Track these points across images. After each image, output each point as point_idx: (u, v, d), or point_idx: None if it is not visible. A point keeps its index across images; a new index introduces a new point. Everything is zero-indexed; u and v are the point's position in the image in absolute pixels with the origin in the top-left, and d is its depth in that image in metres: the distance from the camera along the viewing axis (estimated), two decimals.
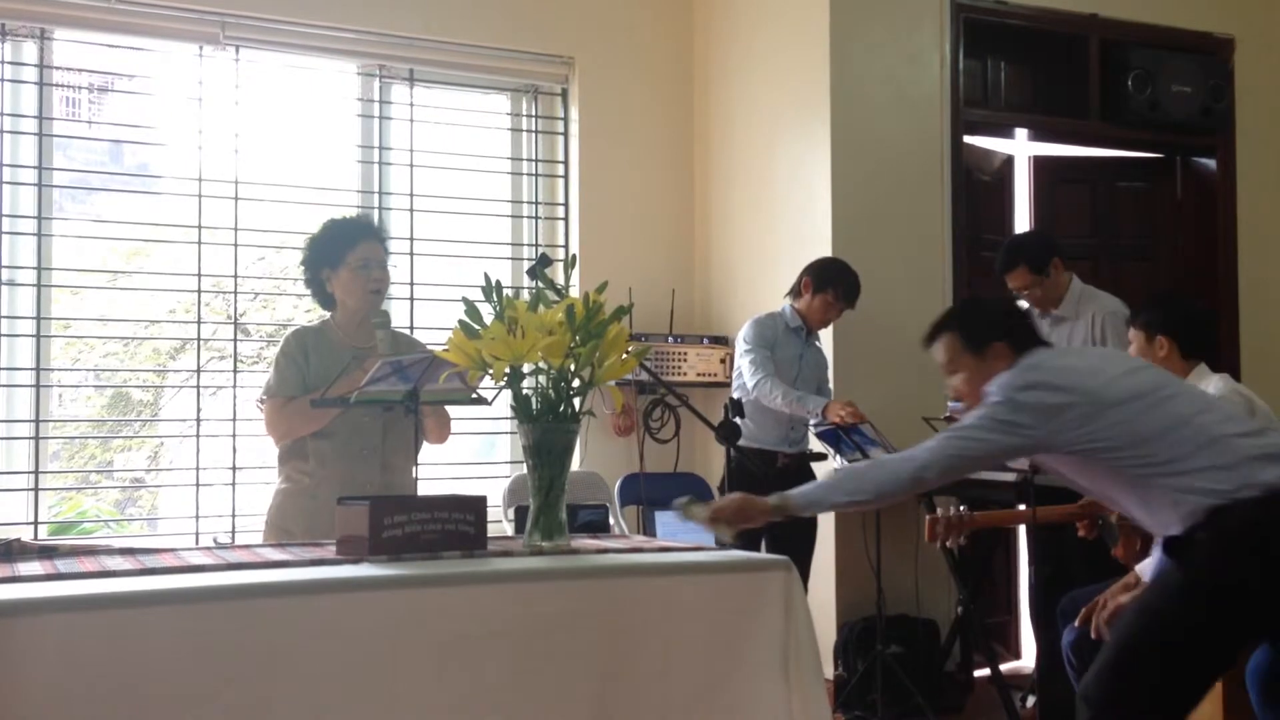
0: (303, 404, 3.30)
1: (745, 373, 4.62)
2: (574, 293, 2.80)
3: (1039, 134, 6.05)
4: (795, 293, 4.73)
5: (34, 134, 4.95)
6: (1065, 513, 3.95)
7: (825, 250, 5.01)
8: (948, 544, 4.07)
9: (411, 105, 5.61)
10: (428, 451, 3.54)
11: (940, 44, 5.43)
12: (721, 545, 2.58)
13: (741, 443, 4.55)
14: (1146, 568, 3.54)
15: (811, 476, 4.73)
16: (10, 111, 4.93)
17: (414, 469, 3.38)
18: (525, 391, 2.53)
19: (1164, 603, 2.65)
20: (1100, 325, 4.63)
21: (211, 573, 2.19)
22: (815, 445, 4.71)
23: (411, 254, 5.52)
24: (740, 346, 4.70)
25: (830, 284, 4.64)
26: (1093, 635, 3.50)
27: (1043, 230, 5.59)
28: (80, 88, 5.57)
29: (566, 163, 5.90)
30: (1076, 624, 3.57)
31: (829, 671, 4.84)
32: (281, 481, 3.41)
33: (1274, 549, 2.57)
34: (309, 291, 3.55)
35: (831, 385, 4.88)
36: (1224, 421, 2.69)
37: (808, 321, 4.70)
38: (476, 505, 2.46)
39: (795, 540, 4.54)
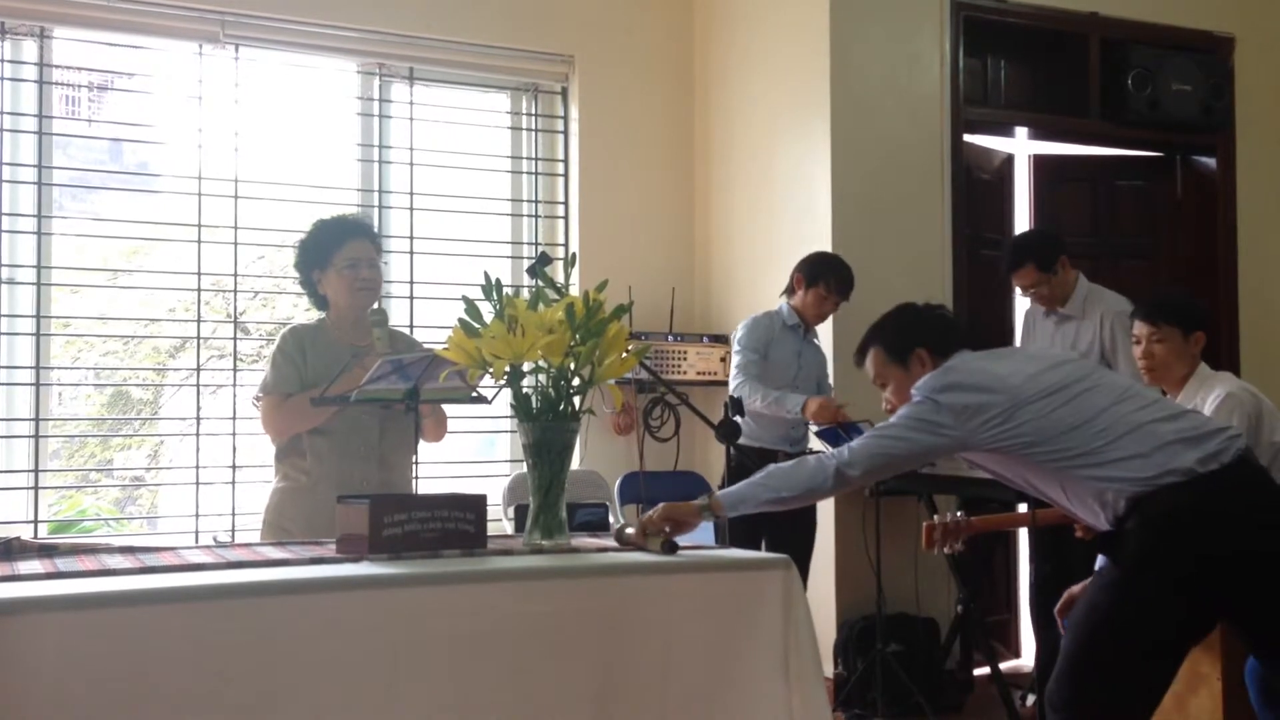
0: (299, 401, 3.30)
1: (730, 375, 4.65)
2: (574, 291, 2.80)
3: (1039, 133, 6.05)
4: (789, 291, 4.75)
5: (34, 133, 4.96)
6: (1063, 514, 3.95)
7: (826, 248, 5.00)
8: (945, 550, 4.07)
9: (411, 104, 5.61)
10: (427, 450, 3.53)
11: (940, 43, 5.43)
12: (670, 549, 2.53)
13: (743, 441, 4.56)
14: None
15: None
16: (10, 110, 4.93)
17: (412, 467, 3.38)
18: (525, 390, 2.53)
19: (1106, 599, 2.67)
20: (1109, 326, 4.63)
21: (211, 571, 2.18)
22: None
23: (411, 252, 5.52)
24: (733, 346, 4.72)
25: (821, 277, 4.65)
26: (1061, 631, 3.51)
27: (1049, 228, 5.56)
28: (80, 86, 5.57)
29: (566, 161, 5.90)
30: (1057, 612, 3.58)
31: (829, 670, 4.84)
32: (279, 480, 3.40)
33: (1202, 534, 2.59)
34: (305, 293, 3.55)
35: (831, 382, 4.88)
36: (1144, 408, 2.70)
37: (804, 318, 4.70)
38: (476, 504, 2.46)
39: (794, 539, 4.54)
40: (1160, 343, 3.82)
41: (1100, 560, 2.87)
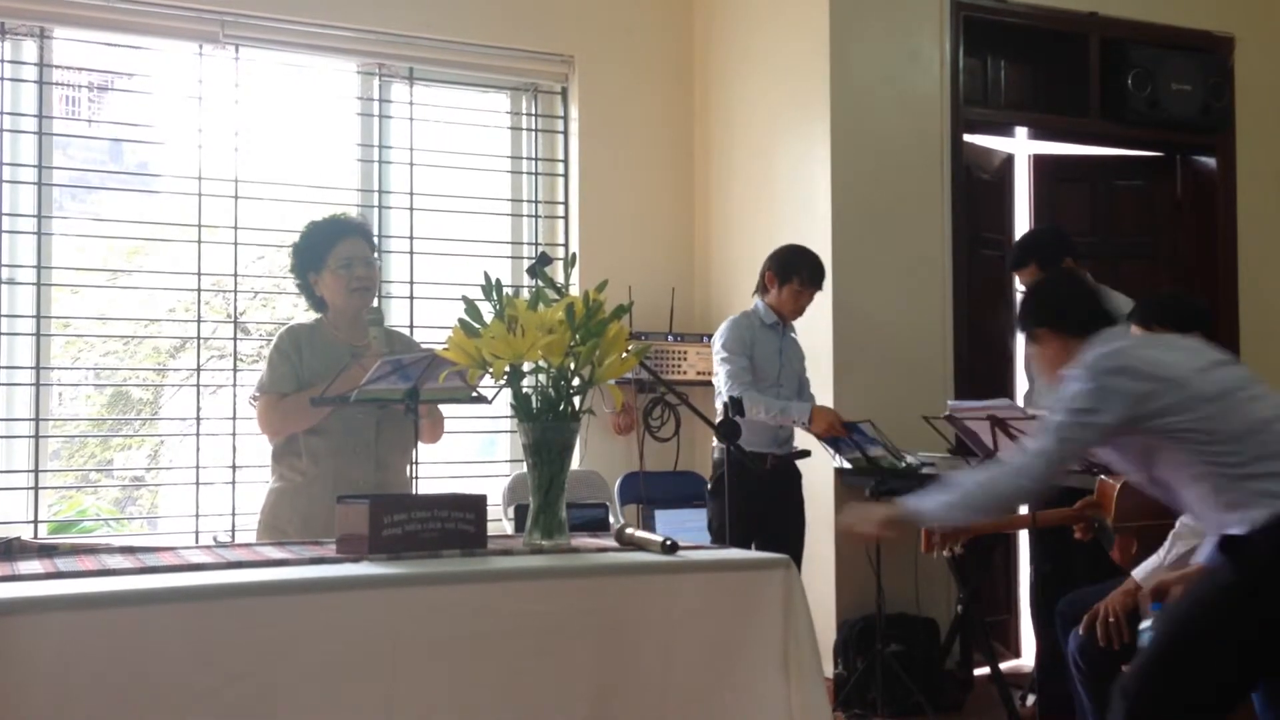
0: (295, 400, 3.30)
1: (722, 383, 4.57)
2: (574, 291, 2.80)
3: (1039, 132, 6.05)
4: (761, 289, 4.69)
5: (34, 133, 4.95)
6: (1062, 516, 3.95)
7: (826, 248, 5.00)
8: (944, 553, 4.07)
9: (411, 104, 5.61)
10: (427, 450, 3.53)
11: (940, 42, 5.43)
12: (670, 549, 2.52)
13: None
14: (1143, 571, 3.55)
15: (798, 476, 4.73)
16: (10, 110, 4.93)
17: (410, 467, 3.38)
18: (525, 390, 2.53)
19: (1213, 599, 2.66)
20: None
21: (211, 571, 2.18)
22: (800, 444, 4.68)
23: (411, 253, 5.52)
24: (717, 353, 4.63)
25: (794, 271, 4.60)
26: (1100, 643, 3.49)
27: (1057, 228, 5.48)
28: (80, 86, 5.57)
29: (566, 161, 5.90)
30: (1081, 631, 3.56)
31: (829, 670, 4.84)
32: (275, 480, 3.40)
33: None
34: (303, 295, 3.55)
35: (831, 379, 4.87)
36: None
37: (781, 314, 4.66)
38: (476, 504, 2.46)
39: (785, 538, 4.53)
40: None
41: (1207, 558, 2.85)
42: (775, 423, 4.49)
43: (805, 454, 4.68)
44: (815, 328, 4.91)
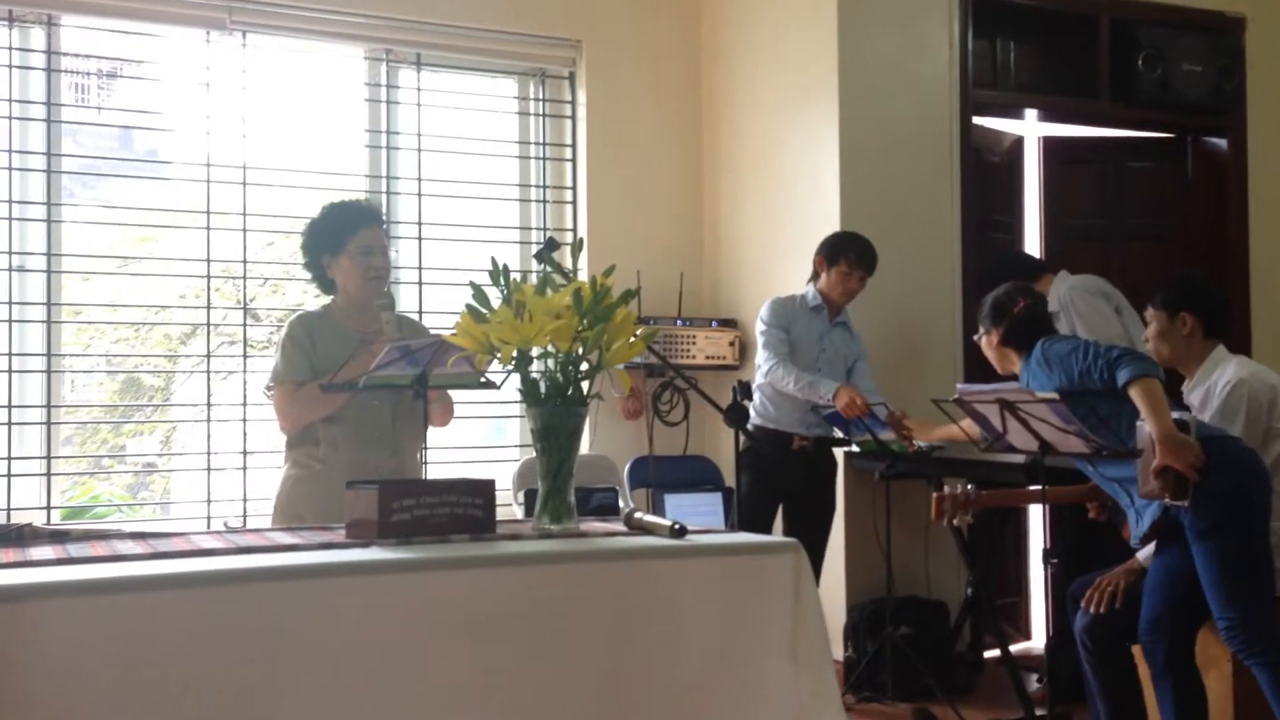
0: (313, 389, 3.29)
1: (759, 354, 4.64)
2: (582, 276, 2.80)
3: (1049, 115, 6.02)
4: (814, 276, 4.73)
5: (43, 120, 4.96)
6: (1074, 494, 3.95)
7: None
8: (954, 522, 4.07)
9: (419, 89, 5.60)
10: (436, 435, 3.54)
11: (949, 25, 5.41)
12: (679, 533, 2.51)
13: (756, 423, 4.57)
14: (1146, 553, 3.56)
15: (831, 462, 4.74)
16: (19, 98, 4.94)
17: (421, 452, 3.38)
18: (533, 375, 2.53)
19: None
20: (1068, 297, 4.80)
21: (222, 557, 2.19)
22: (836, 431, 4.68)
23: (420, 238, 5.53)
24: (757, 328, 4.72)
25: (841, 253, 4.63)
26: (1092, 609, 3.51)
27: (1012, 254, 5.60)
28: (88, 74, 5.57)
29: (574, 146, 5.89)
30: (1082, 606, 3.57)
31: (839, 653, 4.84)
32: (290, 467, 3.40)
33: None
34: (309, 276, 3.54)
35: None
36: None
37: (830, 300, 4.67)
38: (485, 489, 2.46)
39: (812, 521, 4.55)
40: (1152, 323, 3.82)
41: None
42: (804, 396, 4.50)
43: (842, 442, 4.68)
44: (847, 310, 4.88)
